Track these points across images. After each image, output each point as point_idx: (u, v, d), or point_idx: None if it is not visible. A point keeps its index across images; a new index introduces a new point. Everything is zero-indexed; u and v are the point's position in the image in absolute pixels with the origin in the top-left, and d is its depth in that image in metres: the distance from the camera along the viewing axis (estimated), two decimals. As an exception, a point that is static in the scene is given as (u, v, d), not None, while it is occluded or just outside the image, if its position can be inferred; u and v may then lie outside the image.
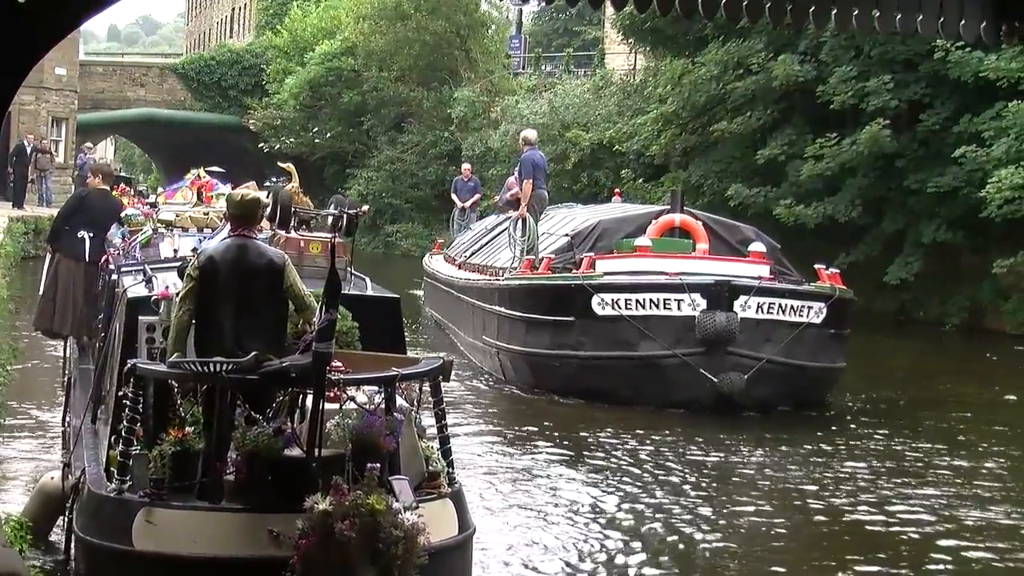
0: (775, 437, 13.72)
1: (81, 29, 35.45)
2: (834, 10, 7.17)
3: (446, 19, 44.85)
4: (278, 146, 46.55)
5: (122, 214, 11.89)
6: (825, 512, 10.89)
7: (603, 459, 12.45)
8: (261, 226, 7.79)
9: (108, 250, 11.47)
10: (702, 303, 14.51)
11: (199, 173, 12.53)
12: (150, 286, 8.35)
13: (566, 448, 12.91)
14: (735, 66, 28.90)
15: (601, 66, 42.89)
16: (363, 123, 47.80)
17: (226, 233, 8.94)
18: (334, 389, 6.51)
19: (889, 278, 25.46)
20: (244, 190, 8.22)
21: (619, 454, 12.70)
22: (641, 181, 32.40)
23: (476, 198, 26.38)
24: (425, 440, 7.38)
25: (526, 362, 15.99)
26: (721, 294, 14.51)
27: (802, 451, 13.14)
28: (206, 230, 10.66)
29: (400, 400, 7.01)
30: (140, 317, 7.88)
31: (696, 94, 30.37)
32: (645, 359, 14.77)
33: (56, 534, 8.65)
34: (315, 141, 47.94)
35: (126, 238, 11.18)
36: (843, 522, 10.64)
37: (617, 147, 34.14)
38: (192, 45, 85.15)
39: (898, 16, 7.23)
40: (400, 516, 5.99)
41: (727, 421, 14.18)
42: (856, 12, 7.14)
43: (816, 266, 16.06)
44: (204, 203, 11.75)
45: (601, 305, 14.94)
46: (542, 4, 42.12)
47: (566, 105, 37.91)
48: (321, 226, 9.68)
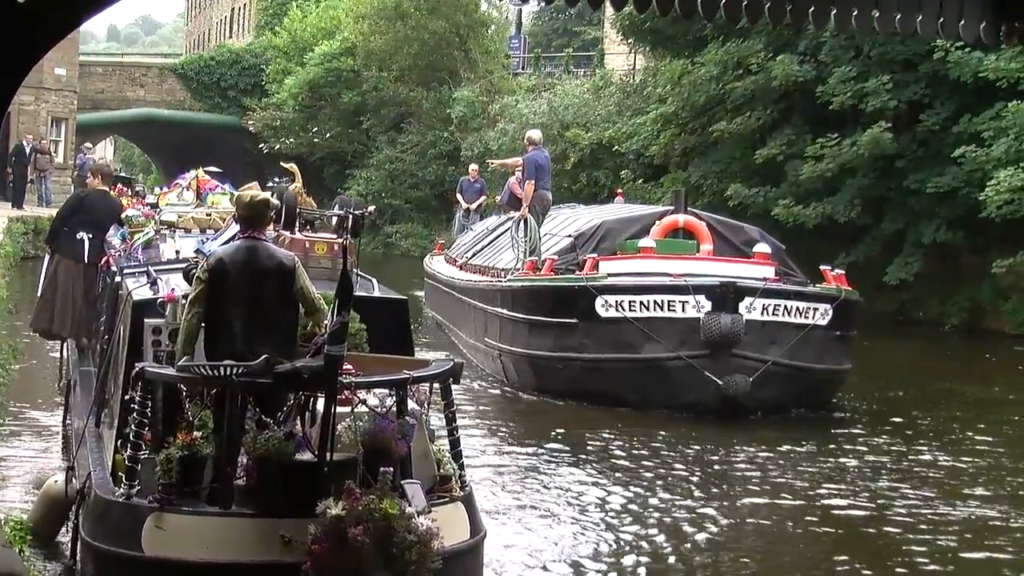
0: (776, 437, 13.69)
1: (81, 29, 35.35)
2: (833, 10, 7.16)
3: (446, 19, 44.81)
4: (277, 146, 46.49)
5: (122, 215, 11.86)
6: (826, 512, 10.89)
7: (606, 461, 12.42)
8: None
9: (108, 251, 11.42)
10: (707, 305, 14.40)
11: (198, 173, 12.51)
12: (155, 288, 8.30)
13: (569, 450, 12.87)
14: (734, 66, 28.88)
15: (601, 66, 42.86)
16: (362, 123, 47.75)
17: (230, 234, 8.92)
18: (345, 392, 6.46)
19: (889, 278, 25.44)
20: (253, 191, 8.15)
21: (622, 456, 12.68)
22: (641, 181, 32.36)
23: (481, 200, 26.17)
24: (434, 443, 7.33)
25: (529, 364, 15.91)
26: (726, 296, 14.42)
27: (803, 451, 13.14)
28: (208, 231, 10.62)
29: (411, 403, 6.97)
30: (146, 320, 7.82)
31: (695, 94, 30.33)
32: (649, 361, 14.67)
33: (61, 536, 8.60)
34: (314, 141, 47.88)
35: (126, 239, 11.14)
36: (843, 522, 10.63)
37: (616, 147, 34.11)
38: (192, 45, 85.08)
39: (897, 16, 7.22)
40: (414, 520, 5.96)
41: (730, 422, 14.13)
42: (855, 12, 7.13)
43: (821, 267, 16.00)
44: (200, 200, 11.74)
45: (605, 307, 14.85)
46: (542, 4, 42.12)
47: (565, 105, 37.87)
48: (325, 227, 9.63)
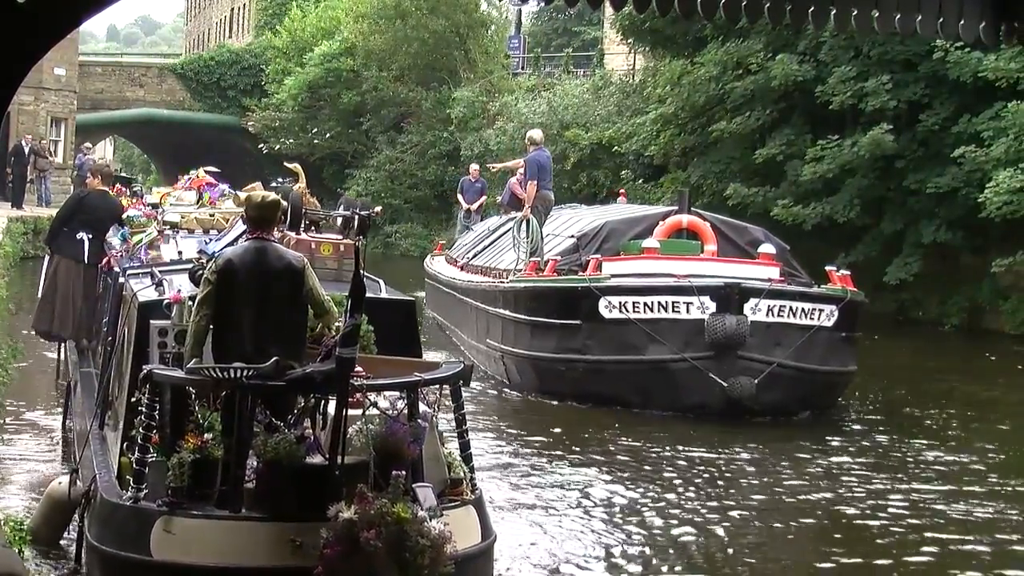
0: (777, 436, 13.69)
1: (80, 29, 35.32)
2: (833, 10, 7.13)
3: (445, 19, 44.75)
4: (277, 147, 46.45)
5: (124, 215, 11.80)
6: (826, 511, 10.90)
7: (609, 462, 12.39)
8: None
9: (108, 252, 11.37)
10: (711, 306, 14.30)
11: (198, 173, 12.47)
12: (160, 289, 8.25)
13: (572, 452, 12.84)
14: (734, 66, 28.84)
15: (600, 66, 42.81)
16: (362, 123, 47.70)
17: (235, 235, 8.87)
18: (356, 395, 6.41)
19: (888, 278, 25.42)
20: (263, 192, 8.10)
21: (624, 456, 12.65)
22: (640, 181, 32.32)
23: (482, 200, 26.08)
24: (444, 446, 7.28)
25: (531, 366, 15.81)
26: (731, 297, 14.31)
27: (803, 450, 13.12)
28: (212, 232, 10.59)
29: (422, 406, 6.91)
30: (152, 321, 7.78)
31: (695, 94, 30.29)
32: (653, 363, 14.56)
33: (65, 539, 8.55)
34: (314, 141, 47.82)
35: (127, 240, 11.09)
36: (844, 521, 10.62)
37: (616, 147, 34.07)
38: (191, 45, 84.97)
39: (897, 16, 7.19)
40: (426, 524, 5.90)
41: (733, 423, 14.07)
42: (855, 12, 7.10)
43: (827, 267, 15.92)
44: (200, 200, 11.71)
45: (608, 308, 14.76)
46: (541, 4, 42.07)
47: (565, 105, 37.82)
48: (330, 227, 9.60)
